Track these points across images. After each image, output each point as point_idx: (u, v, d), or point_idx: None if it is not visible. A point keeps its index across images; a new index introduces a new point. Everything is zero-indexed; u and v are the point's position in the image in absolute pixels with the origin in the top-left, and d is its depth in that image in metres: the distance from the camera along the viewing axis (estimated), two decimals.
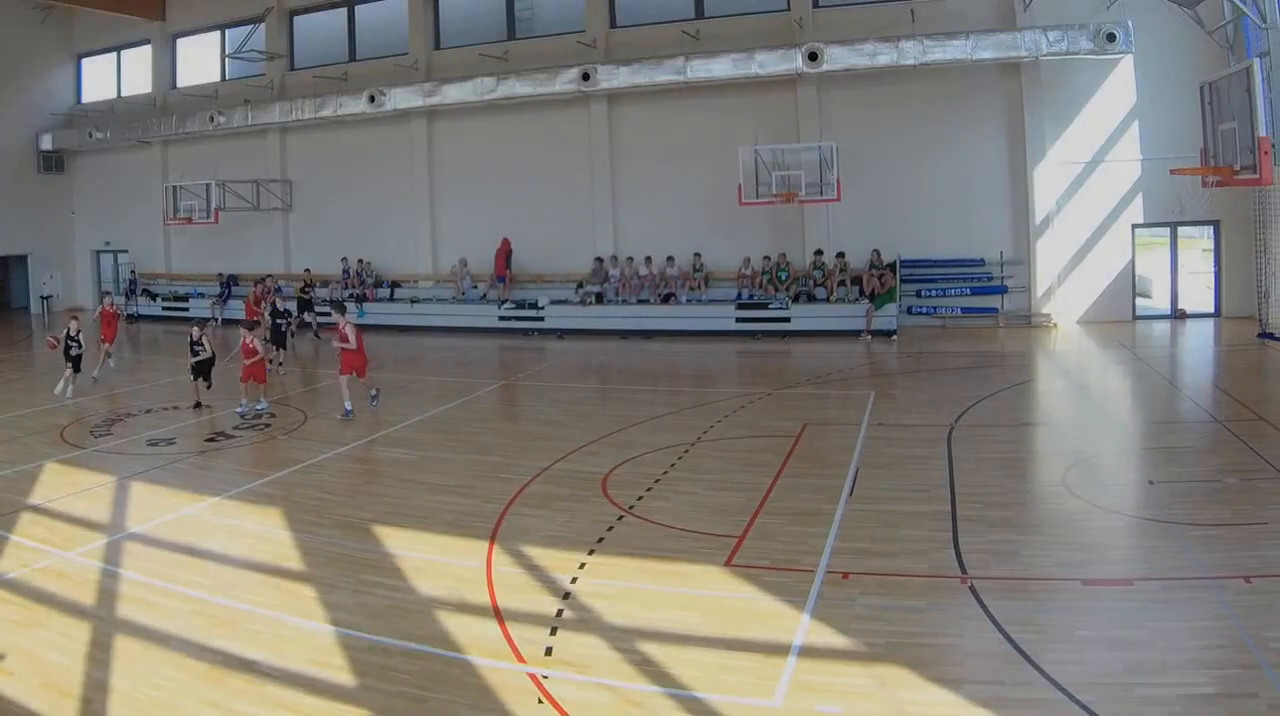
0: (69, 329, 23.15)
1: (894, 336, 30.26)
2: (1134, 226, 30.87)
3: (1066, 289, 31.29)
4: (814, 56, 31.28)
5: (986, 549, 11.25)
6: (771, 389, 22.91)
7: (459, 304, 36.82)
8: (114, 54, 47.73)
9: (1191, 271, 33.57)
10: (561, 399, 23.04)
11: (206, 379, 21.91)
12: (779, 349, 30.19)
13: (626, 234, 35.96)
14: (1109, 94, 30.47)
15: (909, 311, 32.12)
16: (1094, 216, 30.91)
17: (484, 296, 36.60)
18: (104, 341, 25.83)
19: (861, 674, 8.45)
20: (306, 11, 42.21)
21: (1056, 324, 31.00)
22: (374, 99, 37.83)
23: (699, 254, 33.86)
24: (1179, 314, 31.35)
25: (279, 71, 41.80)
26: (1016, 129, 31.38)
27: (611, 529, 12.54)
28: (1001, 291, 31.56)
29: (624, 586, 10.64)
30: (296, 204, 42.44)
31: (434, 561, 11.62)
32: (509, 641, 9.32)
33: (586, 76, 34.31)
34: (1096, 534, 11.87)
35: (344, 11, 41.27)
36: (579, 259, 36.20)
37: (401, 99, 37.76)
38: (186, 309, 41.64)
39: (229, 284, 41.64)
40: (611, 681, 8.47)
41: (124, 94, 47.25)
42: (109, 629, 9.78)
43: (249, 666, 8.90)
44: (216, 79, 44.36)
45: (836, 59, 31.28)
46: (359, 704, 8.21)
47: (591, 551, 11.68)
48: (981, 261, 31.86)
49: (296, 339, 29.87)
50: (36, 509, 14.16)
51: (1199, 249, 35.30)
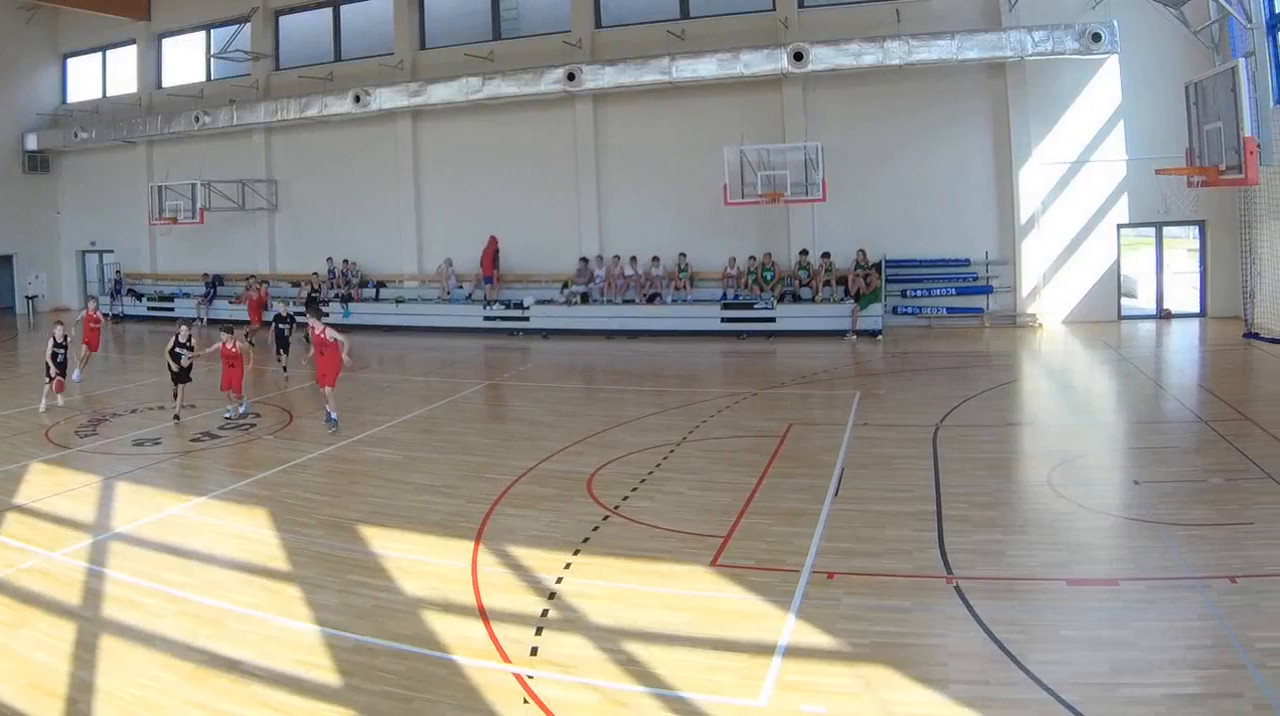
0: (55, 336, 22.16)
1: (879, 336, 30.28)
2: (1119, 226, 30.93)
3: (1052, 289, 31.34)
4: (799, 56, 31.29)
5: (972, 549, 11.27)
6: (757, 389, 22.91)
7: (444, 304, 36.74)
8: (99, 54, 47.58)
9: (1177, 271, 33.71)
10: (547, 399, 23.05)
11: (181, 381, 20.72)
12: (764, 349, 30.19)
13: (612, 234, 35.93)
14: (1094, 94, 30.53)
15: (894, 311, 32.12)
16: (1079, 216, 30.96)
17: (469, 296, 36.56)
18: (87, 348, 25.55)
19: (847, 674, 8.46)
20: (292, 11, 42.10)
21: (1042, 324, 31.06)
22: (359, 99, 37.75)
23: (684, 254, 33.84)
24: (1164, 314, 31.42)
25: (264, 71, 41.72)
26: (1002, 129, 31.43)
27: (597, 529, 12.54)
28: (987, 291, 31.62)
29: (609, 586, 10.63)
30: (282, 204, 42.35)
31: (419, 561, 11.61)
32: (494, 641, 9.31)
33: (572, 76, 34.27)
34: (1082, 534, 11.88)
35: (329, 11, 41.16)
36: (564, 259, 36.16)
37: (387, 99, 37.68)
38: (172, 309, 41.61)
39: (214, 284, 41.57)
40: (597, 681, 8.46)
41: (109, 94, 47.09)
42: (94, 629, 9.76)
43: (234, 666, 8.88)
44: (202, 79, 44.25)
45: (822, 59, 31.29)
46: (344, 704, 8.20)
47: (577, 551, 11.67)
48: (967, 261, 31.91)
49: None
50: (22, 509, 14.12)
51: (1184, 249, 35.46)
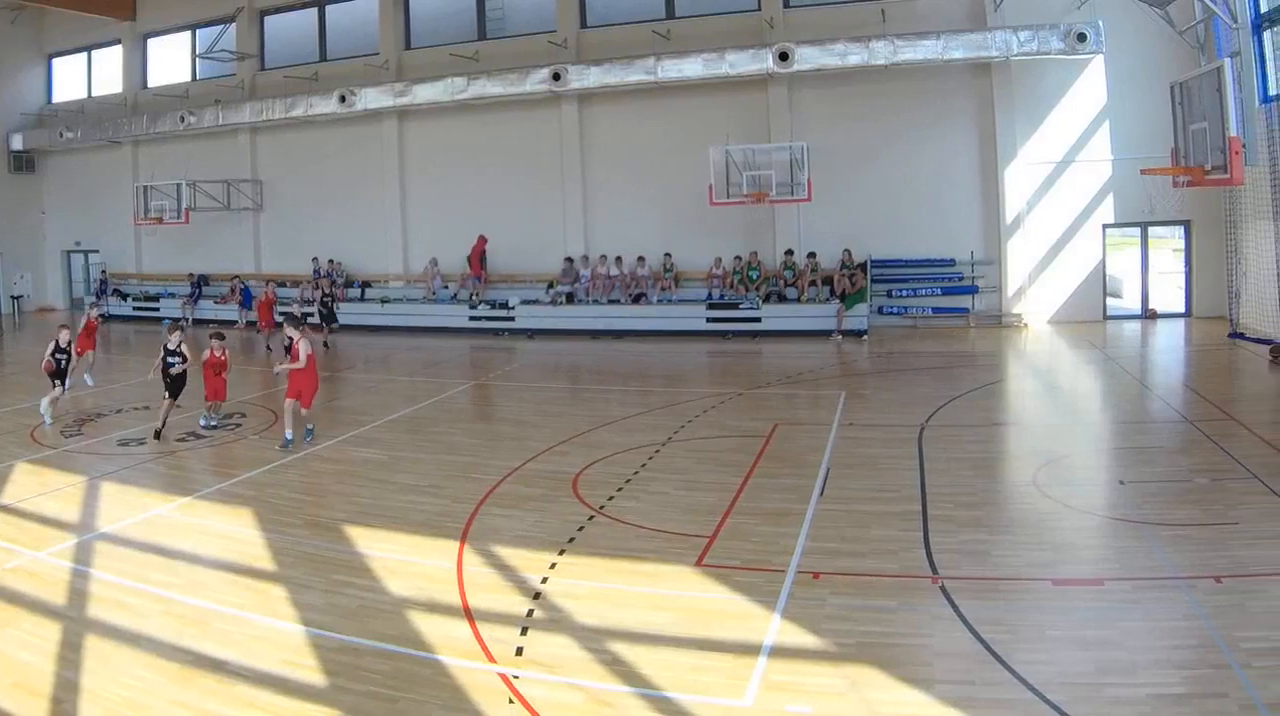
0: (58, 340, 21.16)
1: (865, 336, 30.33)
2: (1105, 226, 31.03)
3: (1037, 289, 31.43)
4: (785, 56, 31.34)
5: (957, 549, 11.29)
6: (742, 389, 22.93)
7: (430, 304, 36.77)
8: (84, 54, 47.47)
9: (1162, 271, 33.80)
10: (532, 399, 23.04)
11: (176, 396, 19.31)
12: (750, 349, 30.23)
13: (597, 234, 35.95)
14: (1080, 94, 30.63)
15: (880, 311, 32.17)
16: (1065, 216, 31.06)
17: (454, 296, 36.55)
18: (79, 352, 25.27)
19: (832, 674, 8.47)
20: (277, 11, 42.04)
21: (1027, 324, 31.14)
22: (344, 99, 37.71)
23: (669, 254, 33.89)
24: (1150, 314, 31.53)
25: (250, 71, 41.66)
26: (987, 129, 31.50)
27: (582, 529, 12.53)
28: (972, 291, 31.69)
29: (595, 586, 10.63)
30: (267, 204, 42.30)
31: (405, 561, 11.60)
32: (480, 641, 9.30)
33: (557, 76, 34.27)
34: (1067, 534, 11.90)
35: (314, 11, 41.12)
36: (550, 259, 36.18)
37: (372, 99, 37.67)
38: (157, 309, 41.63)
39: (199, 284, 41.52)
40: (582, 681, 8.46)
41: (95, 94, 46.95)
42: (79, 629, 9.75)
43: (219, 666, 8.87)
44: (187, 79, 44.20)
45: (807, 59, 31.35)
46: (330, 704, 8.19)
47: (562, 551, 11.67)
48: (952, 261, 31.98)
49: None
50: (7, 509, 14.10)
51: (1170, 249, 35.57)
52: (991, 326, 31.26)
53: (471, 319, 35.36)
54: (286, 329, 19.45)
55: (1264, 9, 25.04)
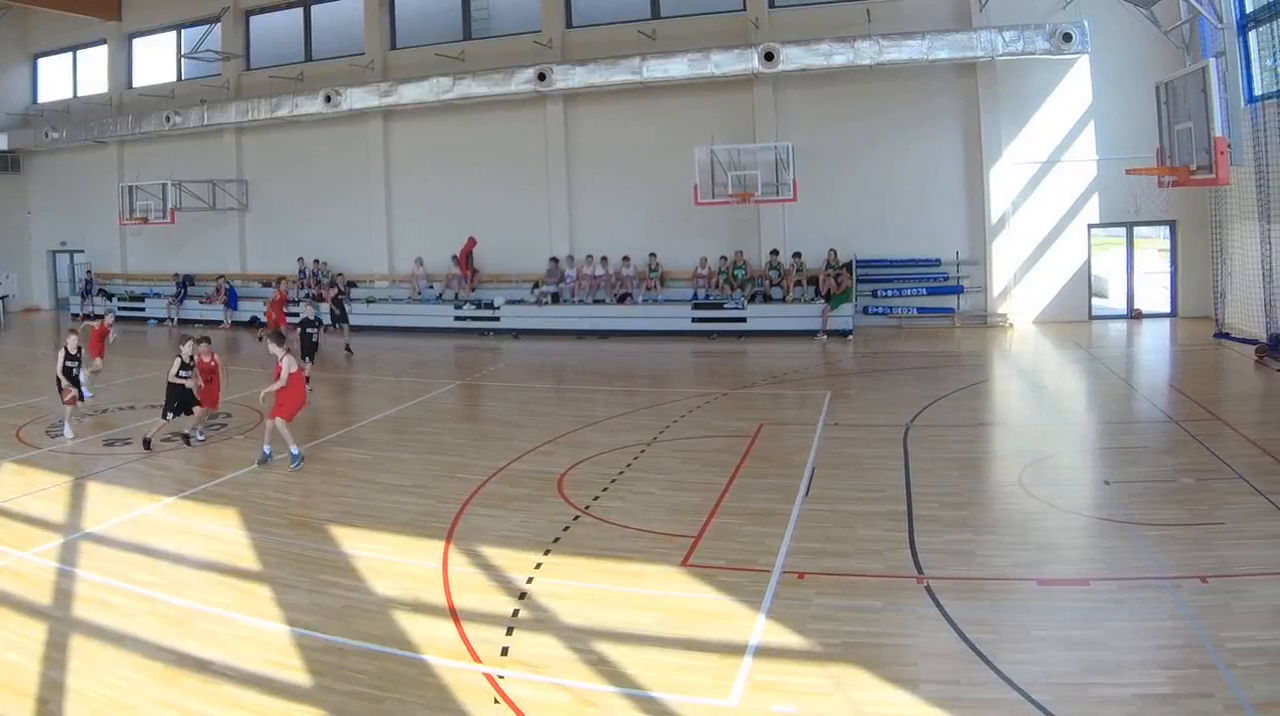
0: (67, 347, 19.65)
1: (850, 336, 30.35)
2: (1090, 226, 31.08)
3: (1022, 289, 31.48)
4: (770, 56, 31.34)
5: (942, 549, 11.30)
6: (728, 389, 22.94)
7: (415, 304, 36.72)
8: (70, 54, 47.23)
9: (1148, 271, 33.86)
10: (517, 399, 23.06)
11: (184, 411, 18.18)
12: (735, 349, 30.23)
13: (582, 234, 35.92)
14: (1065, 94, 30.68)
15: (865, 311, 32.19)
16: (1050, 216, 31.10)
17: (440, 296, 36.51)
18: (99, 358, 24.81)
19: (817, 674, 8.48)
20: (262, 11, 41.91)
21: (1012, 324, 31.19)
22: (330, 99, 37.60)
23: (654, 254, 33.92)
24: (1135, 314, 31.59)
25: (235, 71, 41.53)
26: (973, 129, 31.54)
27: (568, 529, 12.53)
28: (957, 291, 31.75)
29: (580, 586, 10.63)
30: (253, 204, 42.18)
31: (390, 561, 11.59)
32: (465, 641, 9.30)
33: (543, 76, 34.22)
34: (1053, 534, 11.93)
35: (300, 11, 41.00)
36: (535, 259, 36.13)
37: (357, 99, 37.55)
38: (143, 309, 41.54)
39: (185, 284, 41.39)
40: (568, 681, 8.47)
41: (80, 94, 46.73)
42: (65, 629, 9.74)
43: (204, 666, 8.86)
44: (172, 79, 44.04)
45: (793, 59, 31.35)
46: (315, 704, 8.18)
47: (548, 551, 11.67)
48: (938, 261, 32.01)
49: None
50: None
51: (1155, 249, 35.59)
52: (977, 326, 31.30)
53: (457, 319, 35.32)
54: (270, 346, 17.32)
55: (1249, 9, 25.08)
